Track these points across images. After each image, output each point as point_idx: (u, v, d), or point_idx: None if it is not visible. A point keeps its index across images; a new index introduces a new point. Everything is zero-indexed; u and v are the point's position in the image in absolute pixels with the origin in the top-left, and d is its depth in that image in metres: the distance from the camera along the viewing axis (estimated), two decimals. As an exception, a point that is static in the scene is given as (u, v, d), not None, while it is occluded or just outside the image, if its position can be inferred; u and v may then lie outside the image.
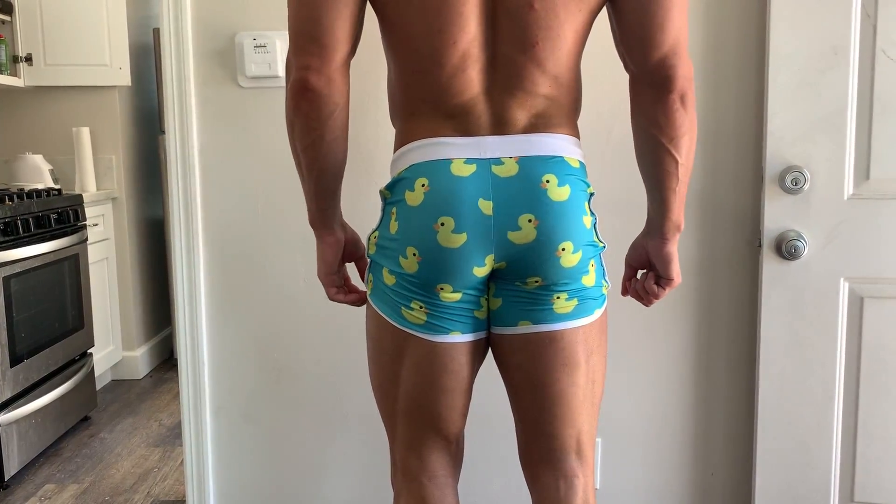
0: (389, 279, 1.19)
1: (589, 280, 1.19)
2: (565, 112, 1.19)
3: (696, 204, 1.78)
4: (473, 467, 1.87)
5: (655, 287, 1.30)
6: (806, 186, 1.64)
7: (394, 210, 1.17)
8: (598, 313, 1.21)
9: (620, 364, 1.83)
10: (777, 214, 1.67)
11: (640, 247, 1.33)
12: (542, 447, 1.24)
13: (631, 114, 1.22)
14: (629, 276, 1.37)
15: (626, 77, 1.21)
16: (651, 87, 1.15)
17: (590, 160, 1.76)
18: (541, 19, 1.12)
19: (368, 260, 1.25)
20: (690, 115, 1.16)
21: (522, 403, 1.24)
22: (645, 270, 1.33)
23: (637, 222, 1.77)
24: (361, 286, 1.43)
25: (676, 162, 1.18)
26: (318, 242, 1.30)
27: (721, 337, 1.82)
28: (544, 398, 1.21)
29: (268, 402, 1.88)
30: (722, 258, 1.79)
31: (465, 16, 1.11)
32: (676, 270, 1.28)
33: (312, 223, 1.28)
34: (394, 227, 1.17)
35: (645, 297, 1.33)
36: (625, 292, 1.38)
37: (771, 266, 1.68)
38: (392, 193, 1.18)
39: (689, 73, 1.15)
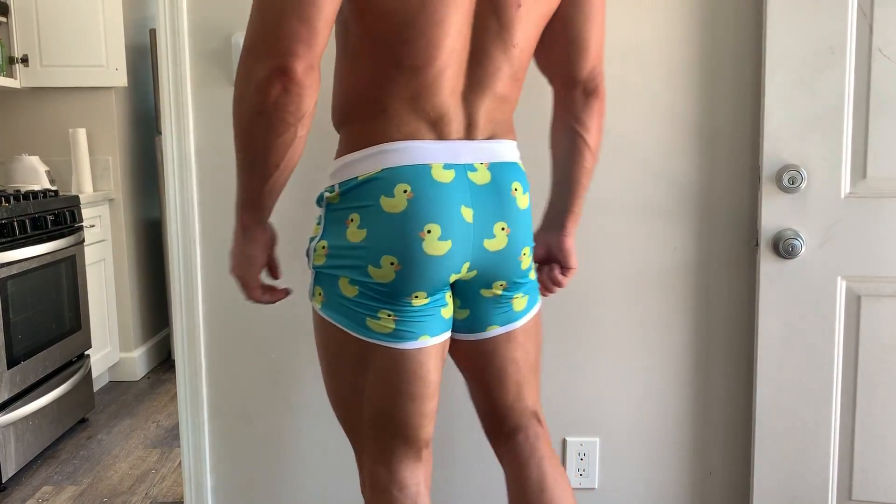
0: (350, 290, 1.14)
1: (532, 274, 1.27)
2: (511, 117, 1.24)
3: (693, 204, 1.78)
4: (455, 465, 1.88)
5: (560, 277, 1.40)
6: (803, 185, 1.64)
7: (354, 216, 1.11)
8: (540, 300, 1.33)
9: (617, 363, 1.84)
10: (774, 213, 1.67)
11: (542, 243, 1.42)
12: (512, 419, 1.32)
13: (554, 119, 1.35)
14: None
15: (622, 79, 1.21)
16: (584, 95, 1.30)
17: (587, 160, 1.76)
18: (523, 20, 1.13)
19: (312, 271, 1.19)
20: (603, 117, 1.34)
21: (488, 386, 1.30)
22: (546, 263, 1.42)
23: (633, 223, 1.78)
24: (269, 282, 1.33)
25: (594, 161, 1.34)
26: (245, 240, 1.18)
27: (719, 336, 1.82)
28: (510, 381, 1.29)
29: (265, 403, 1.88)
30: (719, 257, 1.80)
31: (459, 7, 1.09)
32: (575, 259, 1.41)
33: (248, 220, 1.16)
34: (357, 234, 1.11)
35: (549, 289, 1.41)
36: None
37: (768, 265, 1.69)
38: (350, 198, 1.12)
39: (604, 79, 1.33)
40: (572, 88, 1.30)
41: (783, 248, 1.65)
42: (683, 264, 1.80)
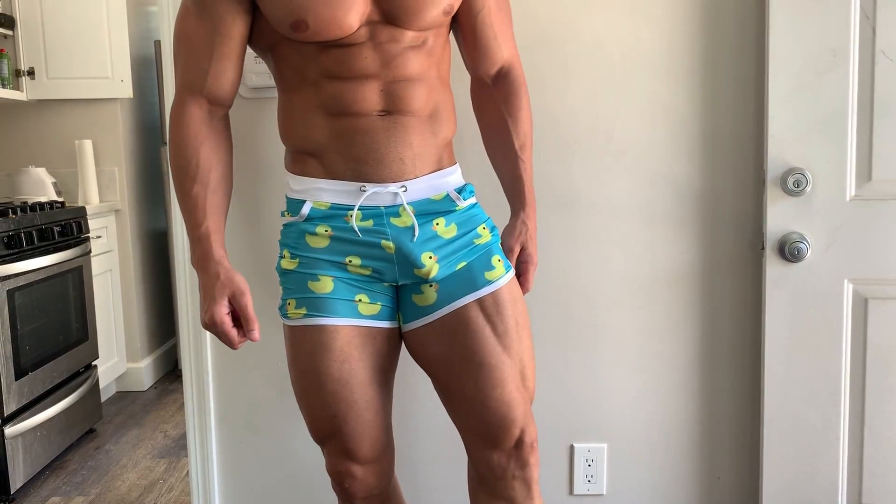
0: None
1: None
2: None
3: (698, 208, 1.78)
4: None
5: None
6: (808, 188, 1.64)
7: None
8: None
9: (624, 369, 1.83)
10: (779, 216, 1.67)
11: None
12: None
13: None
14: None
15: (624, 83, 1.21)
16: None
17: (590, 165, 1.76)
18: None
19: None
20: None
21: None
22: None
23: (637, 228, 1.78)
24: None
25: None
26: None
27: (725, 340, 1.82)
28: None
29: (272, 412, 1.88)
30: (725, 261, 1.79)
31: None
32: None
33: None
34: None
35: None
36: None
37: (774, 268, 1.68)
38: None
39: None
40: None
41: (789, 251, 1.65)
42: (689, 269, 1.79)
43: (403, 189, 1.29)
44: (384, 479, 1.39)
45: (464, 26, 1.39)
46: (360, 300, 1.31)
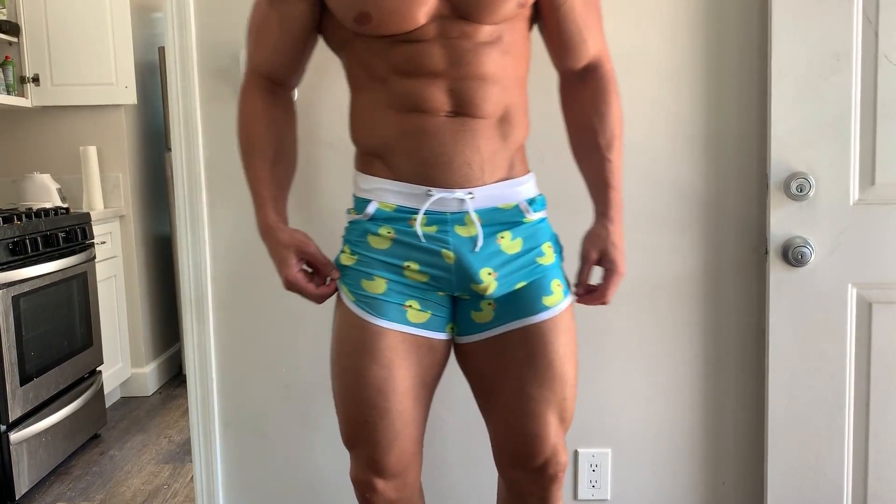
0: None
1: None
2: None
3: (701, 212, 1.77)
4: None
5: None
6: (811, 193, 1.64)
7: None
8: None
9: (628, 373, 1.83)
10: (783, 221, 1.67)
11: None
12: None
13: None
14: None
15: (627, 87, 1.21)
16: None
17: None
18: None
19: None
20: None
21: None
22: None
23: (641, 233, 1.78)
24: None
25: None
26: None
27: (729, 345, 1.82)
28: None
29: (277, 417, 1.88)
30: (728, 266, 1.79)
31: None
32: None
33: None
34: None
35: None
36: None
37: (778, 273, 1.68)
38: None
39: None
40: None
41: (793, 255, 1.65)
42: (692, 274, 1.79)
43: (471, 196, 1.25)
44: (406, 495, 1.35)
45: (547, 20, 1.32)
46: (410, 306, 1.28)
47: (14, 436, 2.58)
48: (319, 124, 1.78)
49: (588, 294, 1.39)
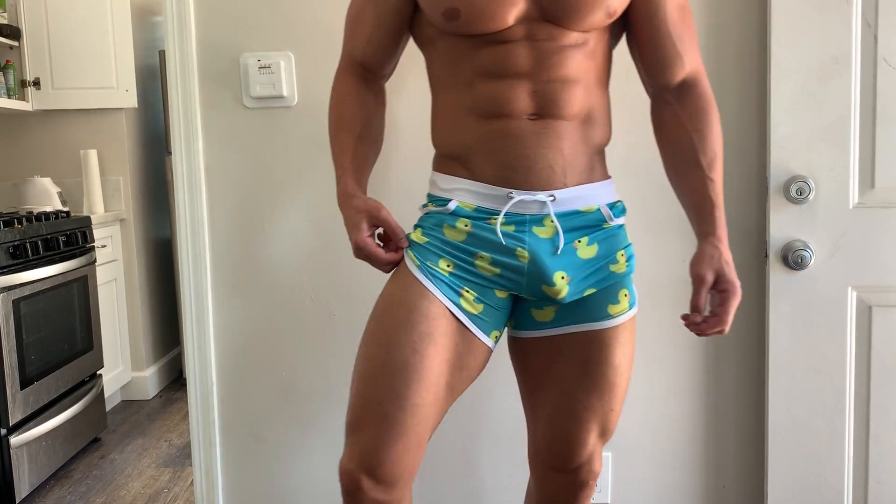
0: None
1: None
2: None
3: (702, 215, 1.77)
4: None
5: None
6: (811, 196, 1.64)
7: None
8: None
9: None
10: (783, 224, 1.67)
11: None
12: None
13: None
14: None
15: (627, 91, 1.21)
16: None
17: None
18: None
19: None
20: None
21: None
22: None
23: (641, 236, 1.78)
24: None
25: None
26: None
27: (729, 348, 1.82)
28: None
29: (276, 421, 1.88)
30: (728, 269, 1.79)
31: None
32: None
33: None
34: None
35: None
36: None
37: (778, 276, 1.68)
38: None
39: None
40: None
41: (792, 259, 1.65)
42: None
43: (552, 198, 1.23)
44: (395, 498, 1.24)
45: (640, 33, 1.29)
46: (466, 292, 1.24)
47: (14, 439, 2.58)
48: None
49: (704, 322, 1.26)
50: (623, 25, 1.32)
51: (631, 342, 1.30)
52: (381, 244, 1.31)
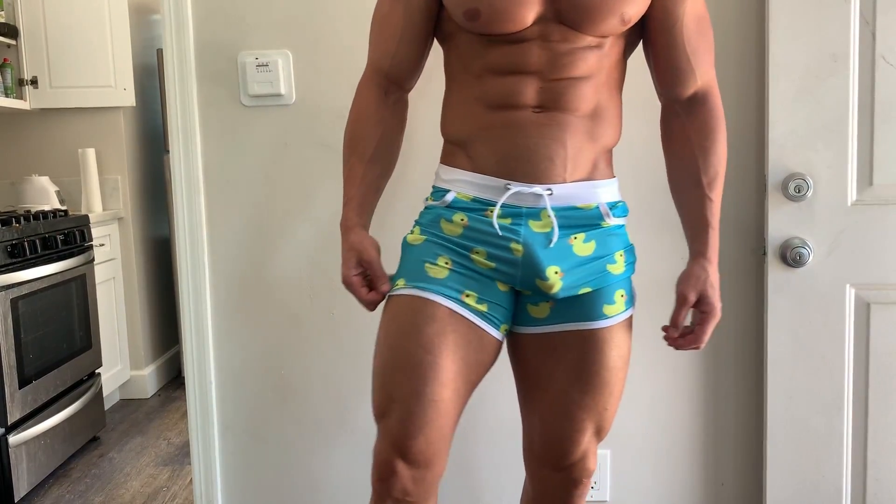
0: None
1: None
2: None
3: (700, 213, 1.77)
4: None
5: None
6: (809, 193, 1.64)
7: None
8: None
9: (627, 374, 1.83)
10: (781, 222, 1.67)
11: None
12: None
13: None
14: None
15: (626, 90, 1.21)
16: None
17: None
18: None
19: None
20: None
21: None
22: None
23: (640, 234, 1.78)
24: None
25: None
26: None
27: (728, 346, 1.82)
28: None
29: (275, 419, 1.88)
30: (726, 267, 1.79)
31: None
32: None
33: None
34: None
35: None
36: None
37: (776, 274, 1.68)
38: None
39: None
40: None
41: (791, 256, 1.65)
42: (691, 274, 1.79)
43: (549, 192, 1.23)
44: (422, 489, 1.25)
45: (656, 42, 1.29)
46: (467, 295, 1.25)
47: (13, 438, 2.58)
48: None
49: (681, 337, 1.32)
50: (639, 34, 1.32)
51: (626, 342, 1.30)
52: (369, 281, 1.32)
